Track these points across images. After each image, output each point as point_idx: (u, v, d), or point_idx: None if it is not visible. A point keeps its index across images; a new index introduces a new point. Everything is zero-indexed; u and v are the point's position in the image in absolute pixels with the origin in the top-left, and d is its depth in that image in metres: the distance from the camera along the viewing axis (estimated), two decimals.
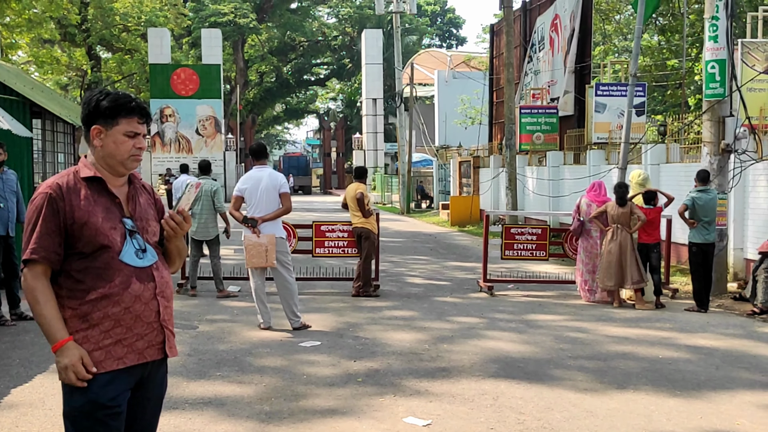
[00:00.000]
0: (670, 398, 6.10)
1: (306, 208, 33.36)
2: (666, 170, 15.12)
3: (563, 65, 22.76)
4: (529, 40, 26.40)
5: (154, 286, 3.05)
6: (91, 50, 42.50)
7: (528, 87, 25.43)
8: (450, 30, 70.80)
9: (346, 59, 64.27)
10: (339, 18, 63.84)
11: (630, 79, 13.61)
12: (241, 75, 58.37)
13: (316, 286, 11.69)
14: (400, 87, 34.40)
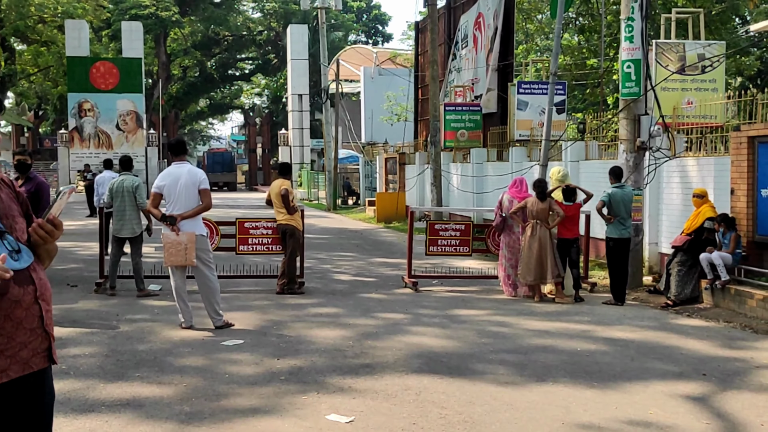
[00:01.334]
0: (587, 390, 6.25)
1: (230, 204, 32.93)
2: (585, 167, 15.50)
3: (486, 63, 23.07)
4: (453, 37, 26.66)
5: (33, 289, 2.79)
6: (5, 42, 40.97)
7: (452, 84, 25.68)
8: (376, 26, 70.91)
9: (271, 54, 63.70)
10: (264, 12, 63.21)
11: (550, 77, 13.90)
12: (164, 69, 57.20)
13: (240, 284, 11.55)
14: (326, 83, 34.34)
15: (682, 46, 14.50)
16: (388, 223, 24.62)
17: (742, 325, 8.98)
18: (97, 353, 7.21)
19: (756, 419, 5.55)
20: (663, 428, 5.33)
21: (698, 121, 13.93)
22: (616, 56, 20.99)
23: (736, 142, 10.68)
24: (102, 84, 39.49)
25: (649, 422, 5.46)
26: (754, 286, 9.75)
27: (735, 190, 10.68)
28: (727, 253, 10.05)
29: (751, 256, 10.31)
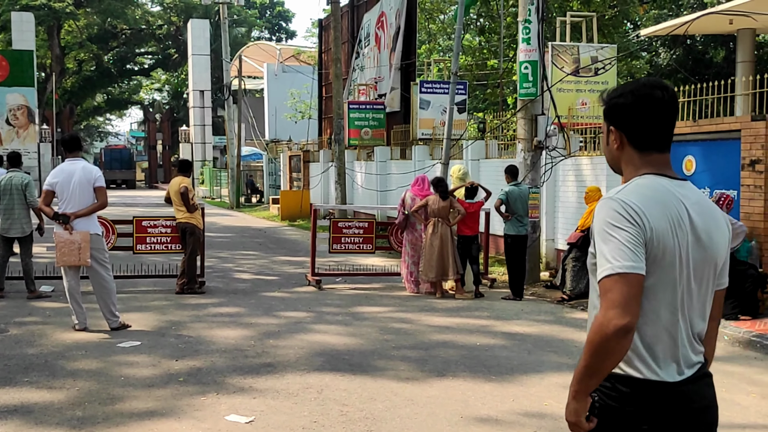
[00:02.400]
0: (485, 383, 6.39)
1: (128, 203, 32.04)
2: (485, 165, 15.83)
3: (389, 62, 23.24)
4: (356, 36, 26.73)
5: None
6: None
7: (356, 83, 25.75)
8: (279, 23, 70.41)
9: (171, 49, 62.25)
10: (164, 6, 61.69)
11: (451, 77, 14.12)
12: (58, 62, 55.05)
13: (138, 284, 11.25)
14: (229, 79, 33.85)
15: (576, 48, 14.98)
16: (293, 221, 24.48)
17: None
18: None
19: None
20: (557, 419, 5.50)
21: (592, 121, 14.42)
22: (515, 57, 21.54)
23: None
24: None
25: (544, 413, 5.63)
26: None
27: None
28: None
29: None
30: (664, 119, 2.36)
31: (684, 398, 2.29)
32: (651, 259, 2.25)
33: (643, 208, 2.25)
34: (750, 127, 9.00)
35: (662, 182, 2.35)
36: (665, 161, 2.39)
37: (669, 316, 2.29)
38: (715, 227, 2.38)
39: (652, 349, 2.28)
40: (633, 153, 2.40)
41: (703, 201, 2.40)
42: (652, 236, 2.24)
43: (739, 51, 19.17)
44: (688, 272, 2.31)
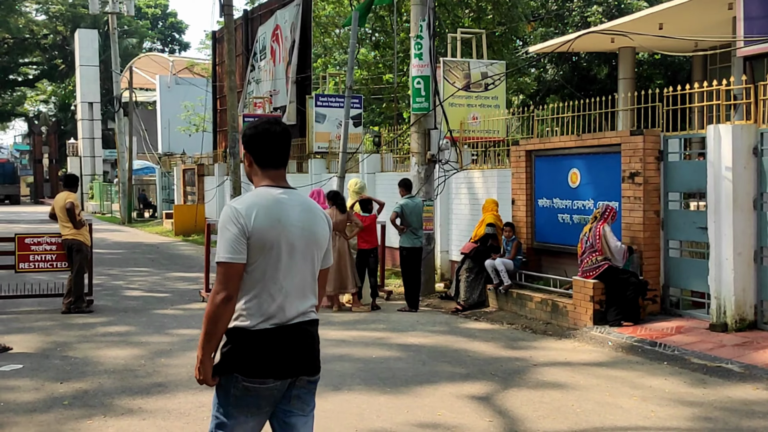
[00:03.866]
0: (380, 395, 6.42)
1: (11, 219, 30.62)
2: (381, 178, 15.97)
3: (285, 75, 23.16)
4: (251, 48, 26.52)
5: None
6: None
7: (251, 96, 25.51)
8: (172, 34, 69.01)
9: (58, 59, 59.99)
10: (49, 15, 59.41)
11: (346, 91, 14.19)
12: None
13: (21, 303, 10.76)
14: (119, 91, 32.91)
15: (467, 64, 15.36)
16: (187, 236, 23.97)
17: (523, 326, 9.62)
18: None
19: (533, 413, 5.96)
20: (450, 428, 5.59)
21: (483, 135, 14.80)
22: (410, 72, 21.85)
23: (515, 156, 11.46)
24: None
25: (437, 423, 5.71)
26: (533, 290, 10.49)
27: (515, 200, 11.45)
28: (509, 259, 10.75)
29: (531, 262, 11.09)
30: (276, 146, 3.28)
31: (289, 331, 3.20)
32: (256, 248, 3.13)
33: (248, 212, 3.12)
34: (629, 141, 9.44)
35: (272, 192, 3.24)
36: (280, 175, 3.31)
37: (274, 283, 3.17)
38: (314, 222, 3.30)
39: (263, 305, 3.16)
40: (257, 169, 3.31)
41: (306, 203, 3.32)
42: (253, 232, 3.11)
43: (620, 68, 20.14)
44: (293, 252, 3.20)
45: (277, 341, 3.17)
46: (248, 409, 3.23)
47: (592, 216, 9.47)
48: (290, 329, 3.20)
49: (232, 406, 3.22)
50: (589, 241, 9.23)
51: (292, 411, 3.32)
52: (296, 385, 3.28)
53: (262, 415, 3.28)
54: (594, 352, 8.19)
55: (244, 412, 3.23)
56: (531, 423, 5.74)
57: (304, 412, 3.37)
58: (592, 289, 9.06)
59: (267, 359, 3.16)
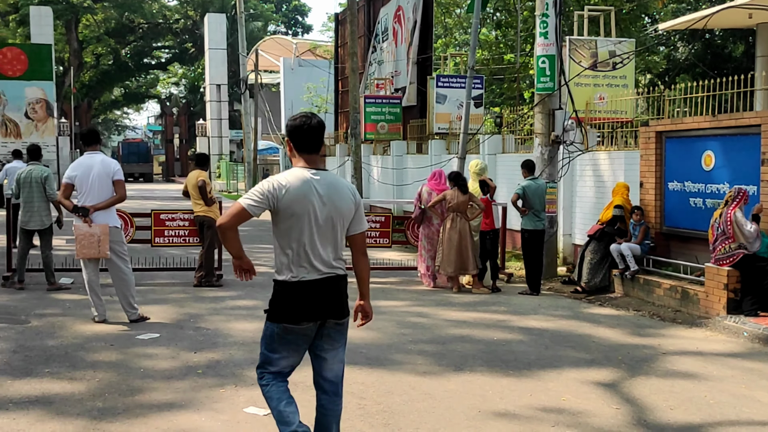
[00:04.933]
0: (503, 378, 6.38)
1: (146, 196, 32.21)
2: (502, 160, 15.78)
3: (407, 56, 23.19)
4: (373, 30, 26.70)
5: None
6: None
7: (372, 77, 25.72)
8: (296, 17, 70.36)
9: (188, 43, 62.38)
10: (181, 0, 61.82)
11: (468, 71, 14.08)
12: (75, 56, 55.33)
13: (156, 276, 11.31)
14: (245, 73, 33.88)
15: (594, 42, 14.90)
16: None
17: (650, 313, 9.32)
18: (4, 349, 6.95)
19: (663, 403, 5.77)
20: (575, 414, 5.49)
21: (610, 116, 14.36)
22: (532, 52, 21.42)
23: (644, 137, 11.06)
24: (9, 70, 37.83)
25: (562, 408, 5.62)
26: (661, 276, 10.13)
27: (644, 183, 11.06)
28: (636, 243, 10.41)
29: (659, 247, 10.70)
30: (310, 136, 4.08)
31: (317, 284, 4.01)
32: (286, 216, 3.96)
33: (280, 187, 3.96)
34: None
35: (303, 172, 4.03)
36: (313, 159, 4.09)
37: (303, 246, 3.98)
38: (338, 197, 4.05)
39: (295, 263, 3.99)
40: (296, 153, 4.12)
41: (333, 182, 4.08)
42: (282, 204, 3.94)
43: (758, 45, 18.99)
44: (317, 221, 3.99)
45: (309, 291, 4.01)
46: (289, 346, 4.12)
47: (723, 200, 9.02)
48: (319, 282, 4.02)
49: (277, 344, 4.11)
50: (720, 228, 8.80)
51: (323, 346, 4.17)
52: (326, 326, 4.12)
53: (300, 350, 4.18)
54: (728, 343, 7.84)
55: (285, 348, 4.13)
56: (661, 413, 5.56)
57: (334, 347, 4.20)
58: (726, 276, 8.65)
59: (301, 306, 4.00)
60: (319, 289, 4.02)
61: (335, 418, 4.33)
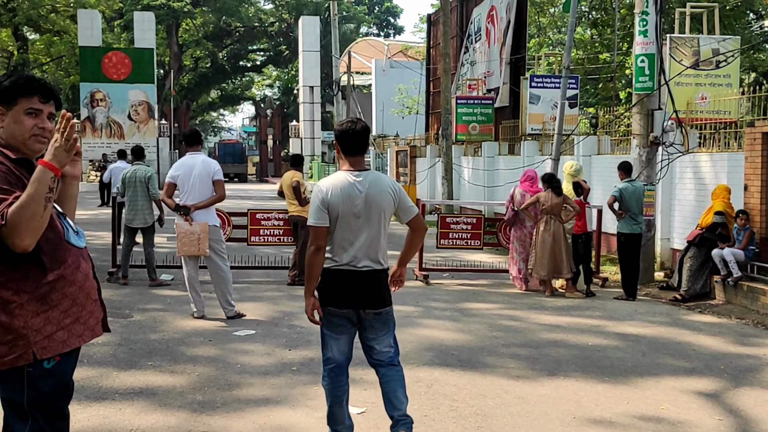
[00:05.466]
0: (598, 384, 6.25)
1: (241, 195, 33.00)
2: (597, 162, 15.46)
3: (500, 56, 23.00)
4: (465, 30, 26.59)
5: (91, 265, 3.18)
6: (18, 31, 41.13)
7: (464, 77, 25.63)
8: (387, 19, 70.81)
9: (282, 46, 63.65)
10: (276, 4, 63.11)
11: (563, 71, 13.85)
12: (175, 60, 57.27)
13: (251, 274, 11.58)
14: (338, 75, 34.33)
15: (696, 41, 14.42)
16: None
17: (755, 322, 8.95)
18: (110, 342, 7.25)
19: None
20: (675, 424, 5.33)
21: (712, 116, 13.86)
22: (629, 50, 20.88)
23: (750, 138, 10.62)
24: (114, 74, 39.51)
25: (660, 417, 5.46)
26: (766, 283, 9.71)
27: (748, 186, 10.62)
28: (739, 249, 10.01)
29: (764, 252, 10.26)
30: (355, 140, 4.46)
31: (357, 274, 4.42)
32: (333, 215, 4.38)
33: (326, 191, 4.40)
34: None
35: (346, 175, 4.44)
36: (357, 161, 4.50)
37: (345, 240, 4.40)
38: (379, 194, 4.44)
39: (338, 254, 4.42)
40: (342, 155, 4.54)
41: (375, 180, 4.47)
42: (329, 205, 4.38)
43: None
44: (359, 219, 4.40)
45: (348, 281, 4.43)
46: (335, 328, 4.53)
47: None
48: (358, 273, 4.43)
49: (326, 326, 4.55)
50: None
51: (368, 336, 4.58)
52: (366, 316, 4.50)
53: (347, 333, 4.56)
54: None
55: (333, 332, 4.54)
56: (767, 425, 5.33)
57: (377, 335, 4.58)
58: None
59: (341, 293, 4.44)
60: (357, 279, 4.43)
61: (399, 383, 4.62)
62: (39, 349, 2.89)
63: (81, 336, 3.04)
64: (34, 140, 2.98)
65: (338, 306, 4.45)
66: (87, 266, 3.11)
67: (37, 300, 2.90)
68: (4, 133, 2.98)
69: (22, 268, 2.88)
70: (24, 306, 2.87)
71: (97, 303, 3.17)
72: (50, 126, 3.01)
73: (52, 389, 2.96)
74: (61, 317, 2.96)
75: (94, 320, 3.13)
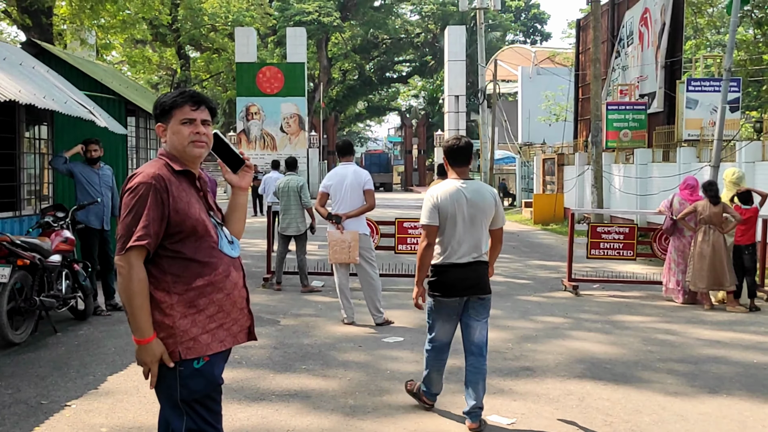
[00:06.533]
0: (766, 405, 5.88)
1: (387, 205, 33.50)
2: (762, 168, 14.55)
3: (654, 60, 22.16)
4: (616, 35, 25.81)
5: (243, 275, 3.33)
6: (181, 50, 43.76)
7: (615, 83, 24.87)
8: (534, 26, 69.84)
9: (428, 56, 64.17)
10: (422, 15, 63.75)
11: (724, 73, 13.18)
12: (325, 73, 59.01)
13: (398, 282, 11.71)
14: (483, 84, 34.18)
15: None
16: (545, 225, 24.19)
17: None
18: (266, 345, 7.56)
19: None
20: None
21: None
22: None
23: None
24: (268, 88, 41.23)
25: None
26: None
27: None
28: None
29: None
30: (460, 153, 5.30)
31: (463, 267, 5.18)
32: (442, 217, 5.16)
33: (437, 195, 5.20)
34: None
35: (454, 183, 5.25)
36: (463, 171, 5.31)
37: (453, 238, 5.17)
38: (482, 200, 5.21)
39: (447, 251, 5.19)
40: (450, 167, 5.34)
41: (477, 188, 5.26)
42: (440, 208, 5.17)
43: None
44: (465, 220, 5.16)
45: (457, 273, 5.18)
46: (442, 316, 5.30)
47: None
48: (465, 266, 5.19)
49: (434, 313, 5.33)
50: None
51: (470, 317, 5.28)
52: (471, 301, 5.26)
53: (452, 320, 5.32)
54: None
55: (441, 318, 5.31)
56: None
57: (479, 318, 5.30)
58: None
59: (451, 284, 5.19)
60: (465, 271, 5.18)
61: (481, 376, 5.28)
62: (184, 349, 3.08)
63: (223, 341, 3.17)
64: (192, 146, 3.18)
65: (448, 295, 5.17)
66: (237, 275, 3.25)
67: (186, 302, 3.09)
68: (168, 145, 3.22)
69: (171, 272, 3.09)
70: (174, 306, 3.08)
71: (244, 311, 3.30)
72: (204, 130, 3.20)
73: (203, 387, 3.13)
74: (207, 321, 3.13)
75: (237, 327, 3.25)
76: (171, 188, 3.09)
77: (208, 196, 3.29)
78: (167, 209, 3.07)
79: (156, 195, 3.05)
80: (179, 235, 3.09)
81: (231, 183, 3.32)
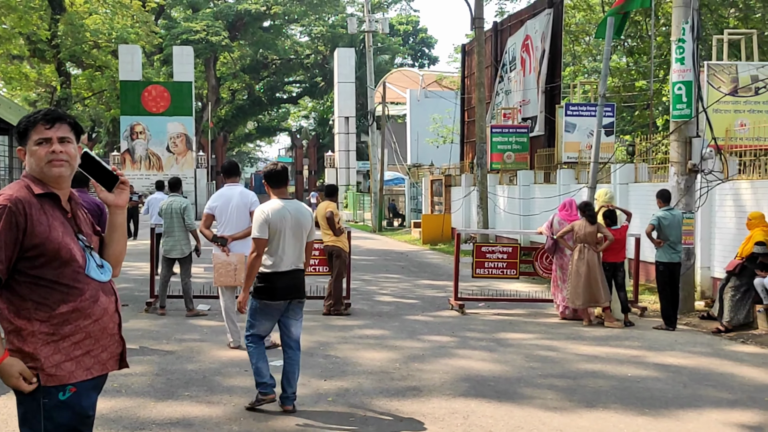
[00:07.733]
0: (638, 416, 6.14)
1: None
2: (635, 189, 15.31)
3: (536, 85, 23.00)
4: (500, 60, 26.66)
5: (115, 299, 3.18)
6: (61, 66, 42.19)
7: (499, 106, 25.64)
8: (422, 49, 71.28)
9: (318, 77, 64.37)
10: (312, 36, 64.00)
11: (599, 99, 13.80)
12: (213, 92, 58.20)
13: None
14: (372, 106, 34.52)
15: (734, 67, 14.29)
16: (434, 245, 24.57)
17: None
18: (147, 372, 7.31)
19: None
20: None
21: (752, 143, 13.67)
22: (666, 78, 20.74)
23: None
24: (153, 107, 40.27)
25: None
26: None
27: None
28: None
29: None
30: (279, 177, 6.18)
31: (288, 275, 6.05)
32: (271, 231, 5.97)
33: (267, 211, 6.00)
34: None
35: (279, 201, 6.10)
36: (281, 191, 6.18)
37: (279, 251, 6.00)
38: (301, 216, 6.13)
39: (274, 261, 6.02)
40: (270, 189, 6.21)
41: (297, 206, 6.20)
42: (270, 223, 5.98)
43: None
44: (288, 234, 6.00)
45: (284, 280, 6.01)
46: (266, 316, 6.12)
47: None
48: (287, 273, 6.04)
49: (259, 314, 6.10)
50: None
51: (289, 318, 6.16)
52: (291, 304, 6.10)
53: (274, 319, 6.16)
54: None
55: (265, 318, 6.12)
56: None
57: (297, 318, 6.21)
58: None
59: (278, 289, 6.00)
60: (287, 277, 6.02)
61: (297, 366, 6.20)
62: (45, 376, 2.93)
63: (89, 369, 3.03)
64: (50, 166, 3.04)
65: (273, 299, 5.98)
66: (108, 300, 3.11)
67: (49, 329, 2.95)
68: (28, 167, 3.10)
69: (32, 298, 2.95)
70: (35, 334, 2.94)
71: (116, 338, 3.17)
72: (61, 148, 3.05)
73: (68, 421, 2.98)
74: (72, 349, 2.99)
75: (107, 354, 3.12)
76: (30, 211, 2.95)
77: (79, 218, 3.15)
78: (21, 233, 2.92)
79: (10, 218, 2.91)
80: (40, 259, 2.95)
81: (107, 202, 3.18)
